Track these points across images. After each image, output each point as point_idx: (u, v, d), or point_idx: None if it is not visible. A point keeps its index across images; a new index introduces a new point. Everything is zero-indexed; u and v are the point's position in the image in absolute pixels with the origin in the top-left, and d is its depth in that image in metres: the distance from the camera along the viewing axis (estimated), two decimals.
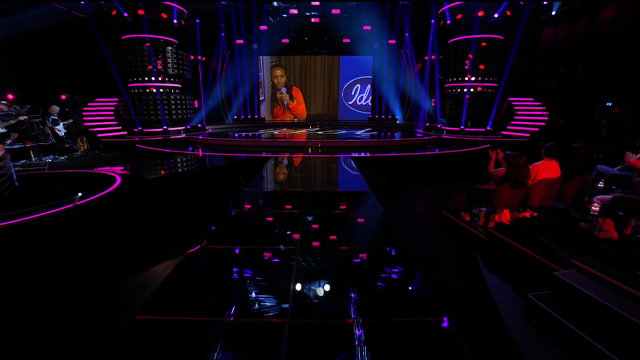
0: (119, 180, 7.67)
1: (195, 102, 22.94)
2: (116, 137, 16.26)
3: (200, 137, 15.82)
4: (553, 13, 17.49)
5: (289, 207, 5.76)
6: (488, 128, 16.87)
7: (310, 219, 5.10)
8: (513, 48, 15.67)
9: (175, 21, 16.63)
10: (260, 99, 24.69)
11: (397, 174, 9.11)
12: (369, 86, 24.49)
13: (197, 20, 19.65)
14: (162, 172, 9.64)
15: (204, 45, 21.65)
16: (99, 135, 15.25)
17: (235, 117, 24.13)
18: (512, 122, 16.93)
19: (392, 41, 22.23)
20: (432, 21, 19.50)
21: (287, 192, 7.02)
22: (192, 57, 21.86)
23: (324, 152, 12.39)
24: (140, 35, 16.14)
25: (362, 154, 11.84)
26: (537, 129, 15.41)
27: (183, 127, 18.31)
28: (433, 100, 22.07)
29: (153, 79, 16.92)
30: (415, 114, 21.88)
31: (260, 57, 23.94)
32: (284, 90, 24.31)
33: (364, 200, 6.44)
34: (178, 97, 17.76)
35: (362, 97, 24.76)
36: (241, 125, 22.87)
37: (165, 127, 17.15)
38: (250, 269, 3.52)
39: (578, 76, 16.19)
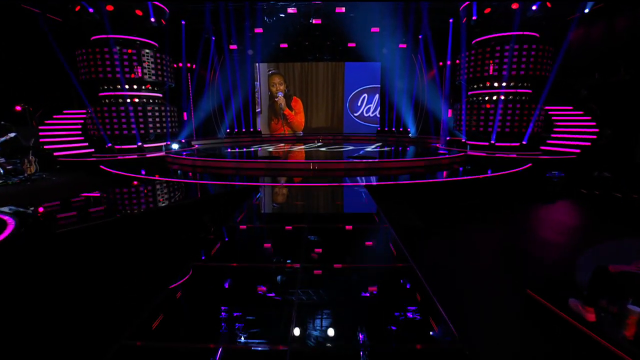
0: (9, 228, 4.96)
1: (185, 114, 20.60)
2: (80, 156, 13.65)
3: (183, 155, 13.18)
4: (586, 11, 15.02)
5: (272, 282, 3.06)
6: (524, 143, 14.13)
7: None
8: (563, 46, 13.06)
9: (152, 20, 14.22)
10: (257, 110, 22.19)
11: (431, 209, 6.37)
12: (377, 96, 21.94)
13: (183, 22, 17.29)
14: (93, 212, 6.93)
15: (193, 50, 19.27)
16: (55, 154, 12.65)
17: (228, 130, 21.60)
18: (552, 136, 14.19)
19: (403, 45, 19.77)
20: (451, 20, 17.06)
21: (266, 258, 4.30)
22: (180, 64, 19.63)
23: (327, 177, 9.66)
24: (110, 36, 13.72)
25: (376, 181, 9.11)
26: (588, 144, 12.65)
27: (164, 143, 15.72)
28: (450, 110, 19.57)
29: (127, 87, 14.43)
30: (433, 126, 19.19)
31: (256, 64, 21.55)
32: (280, 94, 21.80)
33: (388, 257, 3.76)
34: (157, 108, 15.22)
35: (369, 107, 22.20)
36: (234, 140, 20.28)
37: (139, 144, 14.56)
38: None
39: (620, 80, 13.58)
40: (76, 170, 11.49)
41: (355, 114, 22.34)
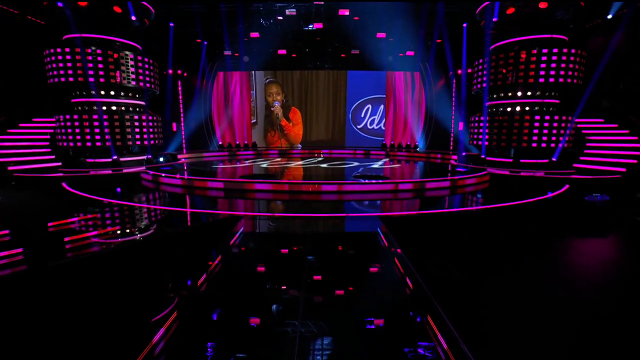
0: None
1: (174, 125, 18.94)
2: (43, 171, 11.82)
3: (162, 171, 11.38)
4: (609, 17, 13.61)
5: None
6: (553, 160, 12.39)
7: None
8: (608, 49, 11.48)
9: (134, 18, 12.64)
10: (252, 121, 20.53)
11: (463, 247, 4.53)
12: (382, 107, 20.34)
13: (172, 24, 15.75)
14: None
15: (183, 56, 17.75)
16: (12, 168, 10.84)
17: (220, 142, 19.88)
18: (586, 152, 12.48)
19: (411, 52, 18.26)
20: (464, 25, 15.59)
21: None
22: (169, 70, 18.07)
23: (329, 205, 7.85)
24: (85, 35, 12.12)
25: (391, 210, 7.30)
26: (633, 161, 10.91)
27: (144, 157, 13.92)
28: (461, 123, 17.98)
29: (103, 92, 12.75)
30: (444, 140, 17.54)
31: (253, 72, 20.00)
32: (276, 103, 20.17)
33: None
34: (138, 117, 13.49)
35: (373, 119, 20.57)
36: (226, 154, 18.51)
37: (115, 157, 12.76)
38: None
39: None
40: (32, 188, 9.66)
41: (358, 126, 20.70)
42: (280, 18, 15.84)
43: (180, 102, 19.07)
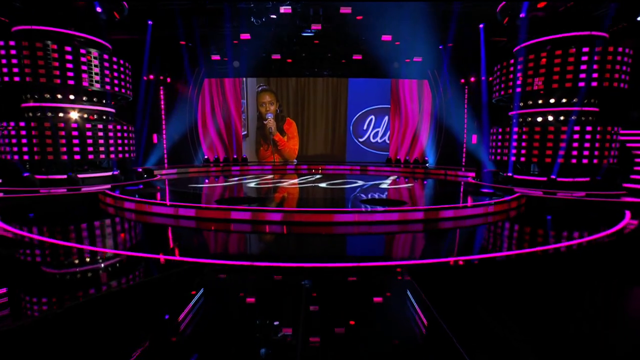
0: None
1: (155, 136, 16.91)
2: None
3: (126, 192, 9.23)
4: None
5: None
6: (597, 178, 10.38)
7: None
8: None
9: (99, 10, 10.71)
10: (243, 133, 18.52)
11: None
12: (386, 118, 18.44)
13: (150, 22, 13.86)
14: None
15: (167, 60, 15.91)
16: None
17: (207, 157, 17.79)
18: (635, 169, 10.49)
19: (418, 58, 16.47)
20: (481, 26, 13.87)
21: None
22: (151, 76, 16.19)
23: (326, 241, 5.73)
24: (39, 28, 10.16)
25: (419, 256, 5.20)
26: None
27: (110, 173, 11.78)
28: (474, 136, 16.13)
29: (60, 96, 10.70)
30: (466, 157, 15.59)
31: (244, 79, 18.12)
32: (269, 116, 18.20)
33: None
34: (103, 126, 11.40)
35: (377, 132, 18.63)
36: (212, 170, 16.40)
37: (70, 174, 10.59)
38: None
39: None
40: None
41: (361, 139, 18.72)
42: (274, 17, 14.01)
43: (162, 111, 17.08)
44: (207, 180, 12.95)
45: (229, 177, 13.41)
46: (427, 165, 16.90)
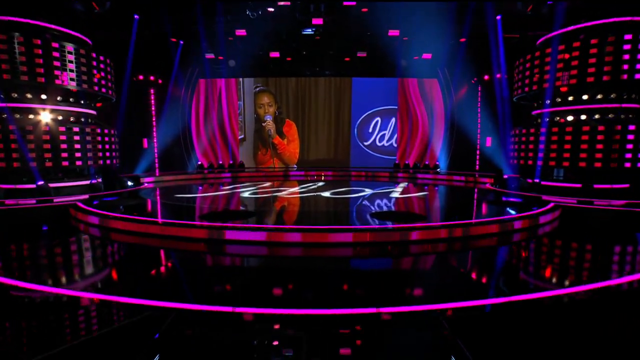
0: None
1: (145, 141, 15.72)
2: None
3: (106, 203, 7.99)
4: None
5: None
6: None
7: None
8: None
9: None
10: (240, 137, 17.30)
11: None
12: (393, 119, 17.17)
13: (136, 17, 12.71)
14: None
15: (158, 59, 14.78)
16: None
17: (201, 162, 16.56)
18: None
19: (428, 55, 15.24)
20: (498, 18, 12.63)
21: None
22: (141, 77, 15.07)
23: (328, 273, 4.43)
24: (3, 18, 9.00)
25: (456, 297, 3.87)
26: None
27: (88, 182, 10.55)
28: (489, 138, 14.86)
29: (29, 96, 9.51)
30: (480, 161, 14.30)
31: (240, 79, 16.95)
32: (268, 117, 16.97)
33: None
34: (80, 129, 10.19)
35: (383, 135, 17.35)
36: (206, 176, 15.16)
37: (40, 183, 9.35)
38: None
39: None
40: None
41: (366, 143, 17.45)
42: (271, 10, 12.84)
43: (153, 114, 15.90)
44: (200, 189, 11.74)
45: (223, 185, 12.17)
46: (438, 170, 15.60)
